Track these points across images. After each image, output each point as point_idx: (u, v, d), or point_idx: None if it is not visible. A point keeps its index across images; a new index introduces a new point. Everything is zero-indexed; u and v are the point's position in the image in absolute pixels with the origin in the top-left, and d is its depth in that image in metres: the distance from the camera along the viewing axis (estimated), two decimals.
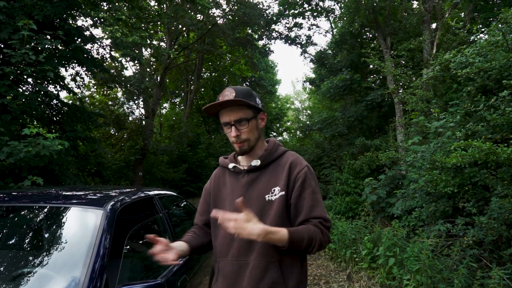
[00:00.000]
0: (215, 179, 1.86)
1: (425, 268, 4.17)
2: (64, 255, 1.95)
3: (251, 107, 1.66)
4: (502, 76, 5.04)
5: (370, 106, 12.34)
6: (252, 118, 1.67)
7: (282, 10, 16.29)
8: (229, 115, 1.64)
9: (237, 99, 1.59)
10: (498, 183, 4.54)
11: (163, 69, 16.18)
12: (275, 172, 1.67)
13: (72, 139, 7.74)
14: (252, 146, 1.69)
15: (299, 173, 1.62)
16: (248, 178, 1.69)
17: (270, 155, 1.71)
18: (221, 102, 1.61)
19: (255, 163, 1.69)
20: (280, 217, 1.59)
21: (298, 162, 1.67)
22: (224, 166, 1.83)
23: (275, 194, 1.62)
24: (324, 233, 1.57)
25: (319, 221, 1.57)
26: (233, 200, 1.68)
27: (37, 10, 6.09)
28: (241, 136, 1.64)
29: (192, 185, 17.76)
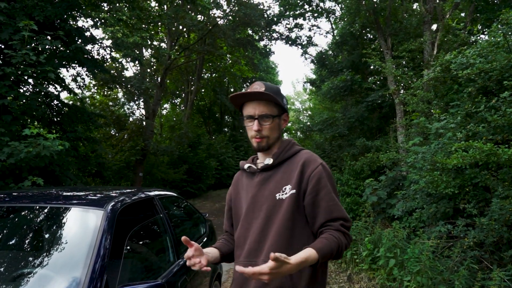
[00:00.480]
0: (235, 183, 1.84)
1: (426, 269, 4.16)
2: (65, 256, 1.95)
3: (277, 105, 1.64)
4: (503, 77, 5.04)
5: (371, 107, 12.33)
6: (277, 116, 1.64)
7: (282, 11, 16.29)
8: (254, 108, 1.60)
9: (267, 93, 1.56)
10: (499, 184, 4.53)
11: (164, 70, 16.19)
12: (288, 170, 1.62)
13: (72, 140, 7.75)
14: (271, 145, 1.65)
15: (312, 172, 1.57)
16: (261, 177, 1.66)
17: (283, 153, 1.66)
18: (251, 92, 1.57)
19: (268, 162, 1.65)
20: (290, 217, 1.54)
21: (312, 160, 1.61)
22: (242, 168, 1.80)
23: (285, 193, 1.57)
24: (347, 236, 1.54)
25: (340, 223, 1.53)
26: (247, 199, 1.68)
27: (37, 11, 6.10)
28: (262, 131, 1.61)
29: (192, 186, 17.76)
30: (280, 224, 1.54)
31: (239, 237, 1.66)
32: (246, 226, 1.65)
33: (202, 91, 26.97)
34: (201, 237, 3.73)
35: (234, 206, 1.78)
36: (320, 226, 1.55)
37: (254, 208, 1.63)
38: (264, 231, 1.58)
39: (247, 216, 1.66)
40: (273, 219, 1.56)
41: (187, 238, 1.41)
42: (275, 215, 1.56)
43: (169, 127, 22.43)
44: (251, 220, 1.63)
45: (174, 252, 2.75)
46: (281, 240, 1.53)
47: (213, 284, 3.64)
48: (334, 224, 1.52)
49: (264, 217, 1.59)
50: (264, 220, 1.58)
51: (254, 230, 1.61)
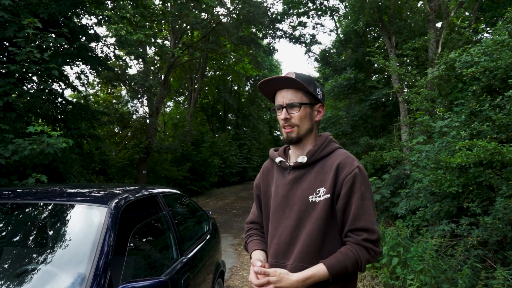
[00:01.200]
0: (263, 172, 1.77)
1: (429, 268, 4.15)
2: (69, 252, 1.96)
3: (308, 93, 1.57)
4: (507, 76, 5.01)
5: (375, 105, 12.30)
6: (306, 105, 1.56)
7: (286, 9, 16.27)
8: (283, 96, 1.56)
9: (293, 79, 1.50)
10: (503, 183, 4.51)
11: (167, 68, 16.19)
12: (323, 171, 1.53)
13: (76, 137, 7.77)
14: (301, 136, 1.58)
15: (347, 175, 1.48)
16: (293, 176, 1.58)
17: (318, 152, 1.57)
18: (277, 77, 1.53)
19: (302, 160, 1.57)
20: (323, 221, 1.48)
21: (348, 163, 1.51)
22: (272, 159, 1.73)
23: (319, 196, 1.49)
24: (371, 250, 1.45)
25: (363, 238, 1.44)
26: (276, 197, 1.62)
27: (42, 8, 6.12)
28: (291, 120, 1.55)
29: (195, 184, 17.78)
30: (312, 228, 1.48)
31: (270, 234, 1.62)
32: (275, 225, 1.60)
33: (205, 89, 26.99)
34: (204, 234, 3.73)
35: (264, 197, 1.73)
36: (345, 235, 1.50)
37: (285, 207, 1.57)
38: (294, 233, 1.52)
39: (276, 213, 1.61)
40: (305, 222, 1.50)
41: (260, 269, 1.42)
42: (307, 218, 1.50)
43: (173, 125, 22.46)
44: (280, 219, 1.58)
45: (178, 249, 2.76)
46: (312, 245, 1.48)
47: (216, 281, 3.65)
48: (356, 237, 1.45)
49: (295, 218, 1.53)
50: (295, 222, 1.53)
51: (283, 230, 1.56)
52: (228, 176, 23.41)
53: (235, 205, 14.69)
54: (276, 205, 1.61)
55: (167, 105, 27.72)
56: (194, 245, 3.21)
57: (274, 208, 1.62)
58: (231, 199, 17.08)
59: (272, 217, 1.63)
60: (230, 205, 14.86)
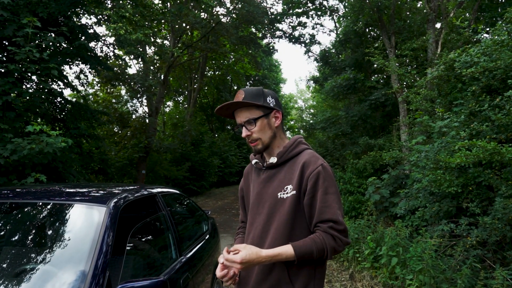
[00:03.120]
0: (246, 175, 1.94)
1: (428, 268, 4.16)
2: (67, 252, 1.95)
3: (259, 107, 1.69)
4: (507, 76, 5.02)
5: (374, 105, 12.30)
6: (261, 117, 1.69)
7: (286, 9, 16.27)
8: (239, 116, 1.71)
9: (239, 102, 1.65)
10: (502, 183, 4.51)
11: (167, 67, 16.19)
12: (291, 170, 1.68)
13: (75, 137, 7.77)
14: (267, 145, 1.72)
15: (311, 173, 1.60)
16: (266, 175, 1.74)
17: (287, 152, 1.71)
18: (225, 105, 1.67)
19: (272, 160, 1.72)
20: (290, 216, 1.60)
21: (312, 161, 1.64)
22: (251, 161, 1.89)
23: (287, 193, 1.63)
24: (337, 238, 1.56)
25: (329, 226, 1.56)
26: (252, 195, 1.79)
27: (41, 8, 6.11)
28: (252, 135, 1.69)
29: (195, 184, 17.78)
30: (280, 222, 1.61)
31: (247, 230, 1.78)
32: (251, 221, 1.76)
33: (205, 88, 26.99)
34: (203, 234, 3.73)
35: (246, 198, 1.90)
36: (314, 227, 1.61)
37: (259, 204, 1.72)
38: (265, 227, 1.66)
39: (252, 211, 1.76)
40: (274, 217, 1.64)
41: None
42: (276, 213, 1.64)
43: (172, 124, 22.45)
44: (255, 215, 1.73)
45: (177, 249, 2.75)
46: (280, 238, 1.60)
47: (215, 281, 3.64)
48: (323, 225, 1.57)
49: (266, 214, 1.67)
50: (266, 217, 1.67)
51: (257, 225, 1.71)
52: (227, 176, 23.41)
53: (235, 205, 14.68)
54: (252, 203, 1.76)
55: (166, 105, 27.72)
56: (193, 245, 3.21)
57: (251, 205, 1.77)
58: (230, 199, 17.07)
59: (249, 214, 1.80)
60: (229, 205, 14.85)
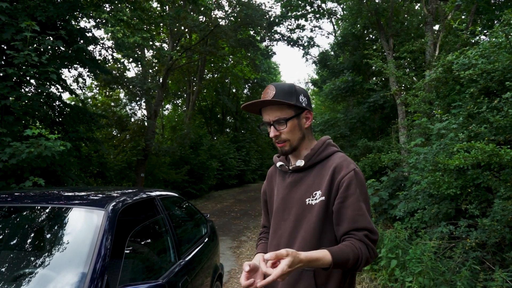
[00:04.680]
0: (269, 177, 1.82)
1: (428, 270, 4.15)
2: (66, 256, 1.95)
3: (291, 106, 1.56)
4: (505, 78, 5.03)
5: (373, 107, 12.33)
6: (292, 118, 1.56)
7: (284, 12, 16.30)
8: (268, 114, 1.57)
9: (273, 100, 1.51)
10: (501, 185, 4.52)
11: (165, 71, 16.20)
12: (320, 174, 1.56)
13: (74, 140, 7.76)
14: (295, 147, 1.60)
15: (343, 177, 1.49)
16: (292, 179, 1.62)
17: (316, 155, 1.60)
18: (257, 101, 1.54)
19: (299, 164, 1.60)
20: (319, 224, 1.50)
21: (344, 166, 1.53)
22: (275, 164, 1.77)
23: (315, 199, 1.52)
24: (370, 249, 1.45)
25: (364, 234, 1.45)
26: (276, 200, 1.67)
27: (40, 11, 6.11)
28: (281, 136, 1.56)
29: (194, 187, 17.75)
30: (307, 230, 1.51)
31: (272, 238, 1.65)
32: (275, 228, 1.64)
33: (204, 91, 27.00)
34: (202, 237, 3.73)
35: (269, 202, 1.78)
36: (343, 235, 1.49)
37: (284, 210, 1.61)
38: (291, 236, 1.56)
39: (276, 217, 1.65)
40: (302, 224, 1.54)
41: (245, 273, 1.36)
42: (304, 220, 1.53)
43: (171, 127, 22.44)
44: (280, 222, 1.62)
45: (175, 253, 2.75)
46: (308, 246, 1.49)
47: (214, 284, 3.64)
48: (358, 234, 1.45)
49: (293, 221, 1.56)
50: (293, 224, 1.56)
51: (282, 233, 1.60)
52: (226, 179, 23.37)
53: (234, 208, 14.66)
54: (276, 208, 1.65)
55: (165, 108, 27.73)
56: (192, 248, 3.20)
57: (275, 210, 1.66)
58: (229, 202, 17.05)
59: (272, 220, 1.67)
60: (228, 208, 14.83)
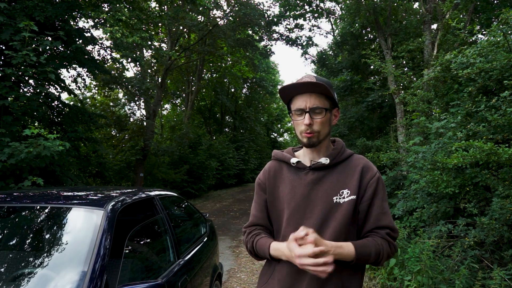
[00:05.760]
0: (270, 173, 1.70)
1: (426, 269, 4.16)
2: (65, 256, 1.95)
3: (329, 98, 1.54)
4: (503, 77, 5.04)
5: (371, 107, 12.33)
6: (328, 110, 1.54)
7: (283, 12, 16.30)
8: (305, 100, 1.50)
9: (320, 83, 1.46)
10: (499, 183, 4.53)
11: (164, 70, 16.20)
12: (344, 173, 1.56)
13: (73, 140, 7.76)
14: (321, 140, 1.55)
15: (371, 178, 1.55)
16: (313, 176, 1.56)
17: (339, 155, 1.59)
18: (303, 83, 1.48)
19: (325, 161, 1.56)
20: (347, 222, 1.50)
21: (370, 167, 1.58)
22: (281, 160, 1.69)
23: (343, 197, 1.51)
24: (391, 245, 1.52)
25: (386, 232, 1.52)
26: (293, 198, 1.57)
27: (38, 11, 6.11)
28: (313, 126, 1.51)
29: (193, 186, 17.75)
30: (336, 228, 1.49)
31: (286, 236, 1.51)
32: (294, 226, 1.52)
33: (202, 91, 26.99)
34: (202, 237, 3.73)
35: (272, 199, 1.66)
36: (367, 232, 1.55)
37: (306, 208, 1.54)
38: (318, 232, 1.45)
39: (295, 215, 1.56)
40: (329, 222, 1.50)
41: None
42: (331, 218, 1.50)
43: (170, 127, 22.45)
44: (301, 219, 1.53)
45: (175, 252, 2.75)
46: None
47: (213, 284, 3.64)
48: (380, 231, 1.52)
49: (319, 218, 1.51)
50: (318, 222, 1.51)
51: None
52: (225, 178, 23.39)
53: (233, 207, 14.67)
54: (295, 205, 1.57)
55: (164, 108, 27.71)
56: (192, 248, 3.21)
57: (292, 208, 1.57)
58: (228, 201, 17.06)
59: (290, 217, 1.57)
60: (227, 207, 14.84)
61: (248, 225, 1.75)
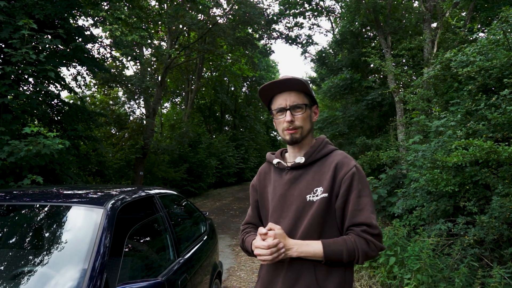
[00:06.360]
0: (260, 175, 1.79)
1: (426, 267, 4.16)
2: (65, 254, 1.95)
3: (308, 95, 1.60)
4: (503, 75, 5.04)
5: (371, 105, 12.32)
6: (308, 106, 1.60)
7: (282, 10, 16.29)
8: (285, 99, 1.57)
9: (298, 79, 1.52)
10: (499, 182, 4.53)
11: (164, 69, 16.18)
12: (320, 171, 1.57)
13: (73, 138, 7.75)
14: (304, 136, 1.60)
15: (345, 174, 1.52)
16: (291, 176, 1.61)
17: (316, 152, 1.60)
18: (281, 80, 1.53)
19: (299, 160, 1.59)
20: (320, 219, 1.51)
21: (346, 162, 1.55)
22: (270, 161, 1.75)
23: (316, 195, 1.52)
24: (370, 243, 1.46)
25: (362, 229, 1.47)
26: (273, 198, 1.64)
27: (37, 9, 6.10)
28: (295, 122, 1.56)
29: (192, 185, 17.77)
30: (308, 226, 1.51)
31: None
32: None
33: (202, 90, 26.97)
34: (201, 235, 3.73)
35: (261, 199, 1.75)
36: (345, 231, 1.53)
37: (283, 207, 1.60)
38: (292, 231, 1.54)
39: (274, 213, 1.63)
40: (302, 220, 1.53)
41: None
42: (304, 216, 1.53)
43: (170, 126, 22.43)
44: (279, 219, 1.60)
45: (175, 250, 2.75)
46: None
47: (213, 282, 3.64)
48: (356, 229, 1.49)
49: (293, 217, 1.56)
50: (293, 220, 1.55)
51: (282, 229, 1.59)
52: (225, 177, 23.40)
53: (233, 206, 14.68)
54: (274, 205, 1.63)
55: (164, 106, 27.70)
56: (191, 246, 3.21)
57: (272, 208, 1.64)
58: (228, 199, 17.07)
59: (271, 216, 1.65)
60: (227, 205, 14.85)
61: (242, 223, 1.88)
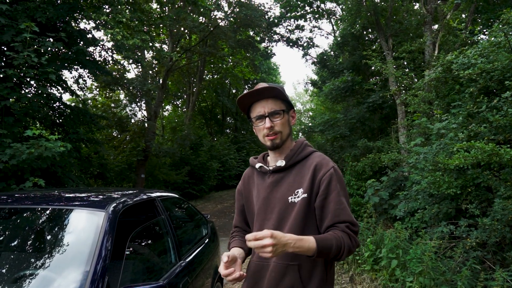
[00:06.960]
0: (245, 179, 1.86)
1: (428, 270, 4.15)
2: (66, 257, 1.95)
3: (284, 101, 1.67)
4: (504, 77, 5.03)
5: (372, 107, 12.32)
6: (286, 112, 1.66)
7: (283, 13, 16.31)
8: (263, 106, 1.63)
9: (274, 87, 1.59)
10: (501, 184, 4.52)
11: (165, 72, 16.21)
12: (300, 173, 1.63)
13: (74, 141, 7.77)
14: (284, 141, 1.66)
15: (324, 175, 1.58)
16: (273, 179, 1.67)
17: (296, 155, 1.67)
18: (258, 89, 1.60)
19: (280, 164, 1.66)
20: (301, 220, 1.56)
21: (324, 164, 1.61)
22: (253, 166, 1.81)
23: (298, 196, 1.58)
24: (352, 238, 1.53)
25: (346, 225, 1.53)
26: (257, 201, 1.70)
27: (39, 13, 6.12)
28: (275, 128, 1.62)
29: (194, 188, 17.76)
30: (291, 226, 1.56)
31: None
32: (258, 227, 1.67)
33: (203, 92, 27.00)
34: (203, 238, 3.73)
35: (246, 202, 1.81)
36: (327, 228, 1.56)
37: (266, 209, 1.66)
38: None
39: (259, 216, 1.68)
40: (285, 221, 1.59)
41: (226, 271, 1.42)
42: (287, 217, 1.59)
43: (171, 128, 22.43)
44: (263, 221, 1.66)
45: (176, 253, 2.75)
46: None
47: (215, 285, 3.64)
48: (340, 225, 1.54)
49: (276, 219, 1.61)
50: (276, 222, 1.60)
51: None
52: (227, 179, 23.38)
53: (234, 209, 14.61)
54: (258, 208, 1.69)
55: (165, 109, 27.72)
56: (193, 249, 3.20)
57: (257, 211, 1.70)
58: (229, 202, 17.05)
59: (256, 219, 1.70)
60: (228, 208, 14.83)
61: (233, 226, 1.97)
